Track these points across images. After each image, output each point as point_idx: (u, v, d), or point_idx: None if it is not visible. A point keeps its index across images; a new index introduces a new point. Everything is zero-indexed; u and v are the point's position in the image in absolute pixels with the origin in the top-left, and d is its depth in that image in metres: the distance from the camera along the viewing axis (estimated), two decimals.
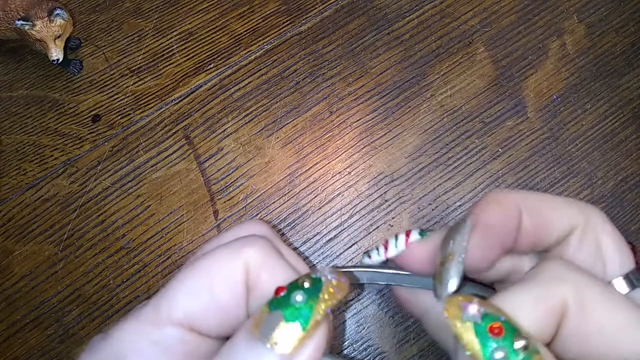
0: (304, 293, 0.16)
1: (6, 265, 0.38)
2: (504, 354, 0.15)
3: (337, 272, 0.18)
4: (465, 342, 0.16)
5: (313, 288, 0.17)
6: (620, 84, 0.42)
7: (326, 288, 0.17)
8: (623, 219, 0.39)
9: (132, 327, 0.18)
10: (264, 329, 0.16)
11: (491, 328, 0.16)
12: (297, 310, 0.16)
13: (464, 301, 0.17)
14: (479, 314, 0.16)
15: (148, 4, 0.44)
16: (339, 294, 0.17)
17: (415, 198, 0.39)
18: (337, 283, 0.17)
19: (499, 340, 0.15)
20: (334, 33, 0.43)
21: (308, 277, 0.17)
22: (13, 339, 0.36)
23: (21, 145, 0.41)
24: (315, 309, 0.16)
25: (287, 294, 0.16)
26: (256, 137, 0.40)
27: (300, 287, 0.17)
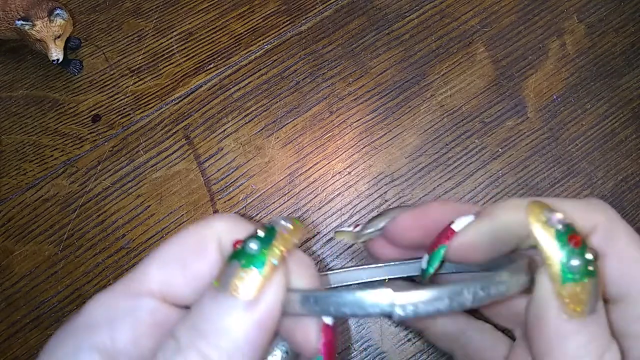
0: (258, 241, 0.17)
1: (6, 265, 0.38)
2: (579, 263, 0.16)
3: (291, 219, 0.18)
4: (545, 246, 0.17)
5: (267, 236, 0.17)
6: (620, 84, 0.42)
7: (280, 234, 0.17)
8: (623, 219, 0.39)
9: (104, 298, 0.18)
10: (224, 279, 0.16)
11: (571, 237, 0.16)
12: (252, 258, 0.17)
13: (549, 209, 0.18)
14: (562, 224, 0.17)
15: (148, 4, 0.44)
16: (293, 238, 0.18)
17: (415, 198, 0.39)
18: (291, 228, 0.18)
19: (576, 250, 0.16)
20: (334, 33, 0.43)
21: (262, 227, 0.18)
22: (13, 339, 0.36)
23: (21, 145, 0.41)
24: (269, 254, 0.17)
25: (243, 244, 0.17)
26: (256, 137, 0.40)
27: (255, 236, 0.17)
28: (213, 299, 0.16)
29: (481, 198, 0.39)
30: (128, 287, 0.18)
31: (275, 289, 0.17)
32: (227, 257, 0.17)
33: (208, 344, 0.15)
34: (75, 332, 0.18)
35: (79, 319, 0.18)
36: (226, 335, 0.16)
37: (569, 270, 0.16)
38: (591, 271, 0.16)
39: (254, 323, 0.16)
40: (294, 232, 0.18)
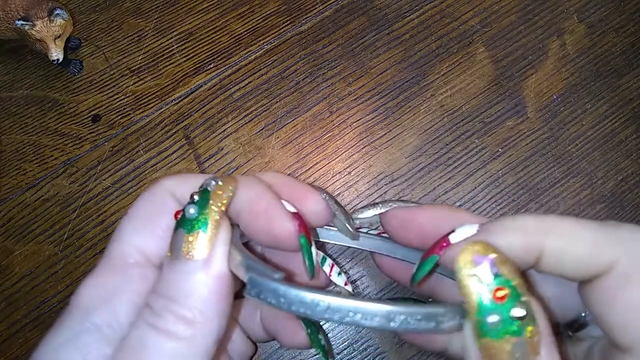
0: (195, 205, 0.18)
1: (6, 265, 0.38)
2: (498, 319, 0.15)
3: (221, 176, 0.20)
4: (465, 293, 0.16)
5: (202, 198, 0.18)
6: (620, 84, 0.42)
7: (214, 193, 0.18)
8: (623, 219, 0.39)
9: (92, 281, 0.19)
10: (175, 248, 0.18)
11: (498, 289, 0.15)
12: (193, 222, 0.18)
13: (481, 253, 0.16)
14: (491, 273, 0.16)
15: (148, 4, 0.44)
16: (226, 193, 0.19)
17: (415, 198, 0.39)
18: (222, 185, 0.19)
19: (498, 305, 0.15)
20: (334, 33, 0.43)
21: (196, 191, 0.19)
22: (13, 339, 0.36)
23: (21, 145, 0.41)
24: (208, 213, 0.18)
25: (183, 212, 0.18)
26: (256, 137, 0.40)
27: (192, 201, 0.18)
28: (171, 267, 0.18)
29: (481, 198, 0.39)
30: (111, 264, 0.19)
31: (222, 241, 0.18)
32: (173, 228, 0.18)
33: (180, 306, 0.17)
34: (73, 318, 0.18)
35: (74, 306, 0.19)
36: (193, 294, 0.17)
37: (488, 325, 0.15)
38: (515, 330, 0.15)
39: (213, 277, 0.17)
40: (225, 186, 0.19)
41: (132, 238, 0.20)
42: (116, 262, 0.19)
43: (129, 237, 0.20)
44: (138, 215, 0.20)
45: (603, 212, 0.39)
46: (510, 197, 0.39)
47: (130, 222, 0.20)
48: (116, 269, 0.19)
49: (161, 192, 0.20)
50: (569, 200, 0.39)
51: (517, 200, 0.39)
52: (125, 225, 0.20)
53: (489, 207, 0.39)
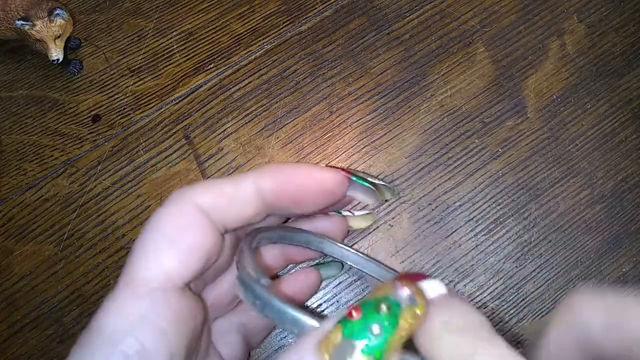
0: (381, 324, 0.15)
1: (6, 265, 0.38)
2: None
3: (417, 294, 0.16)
4: None
5: (390, 317, 0.15)
6: (620, 84, 0.42)
7: (404, 317, 0.15)
8: (623, 219, 0.39)
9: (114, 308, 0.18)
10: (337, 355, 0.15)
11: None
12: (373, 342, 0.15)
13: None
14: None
15: (148, 4, 0.44)
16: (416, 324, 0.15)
17: (415, 198, 0.39)
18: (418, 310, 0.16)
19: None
20: (334, 33, 0.43)
21: (385, 299, 0.16)
22: (13, 339, 0.36)
23: (21, 145, 0.41)
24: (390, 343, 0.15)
25: (364, 320, 0.15)
26: (256, 137, 0.40)
27: (377, 312, 0.15)
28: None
29: (481, 198, 0.39)
30: (133, 288, 0.18)
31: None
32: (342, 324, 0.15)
33: None
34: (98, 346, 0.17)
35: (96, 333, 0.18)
36: None
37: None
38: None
39: None
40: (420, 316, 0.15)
41: (155, 259, 0.19)
42: (139, 287, 0.18)
43: (151, 258, 0.19)
44: (162, 232, 0.19)
45: (603, 212, 0.39)
46: (510, 197, 0.39)
47: (153, 240, 0.19)
48: (139, 294, 0.18)
49: (187, 206, 0.19)
50: (569, 200, 0.39)
51: (517, 200, 0.39)
52: (148, 244, 0.19)
53: (489, 207, 0.39)
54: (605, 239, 0.39)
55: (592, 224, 0.39)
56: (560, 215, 0.39)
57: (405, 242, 0.38)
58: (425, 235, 0.38)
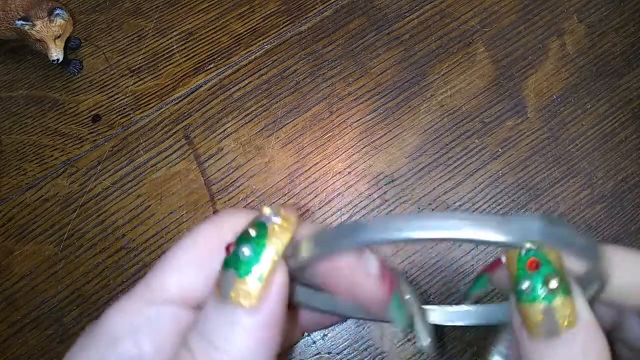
0: (250, 245, 0.16)
1: (6, 265, 0.38)
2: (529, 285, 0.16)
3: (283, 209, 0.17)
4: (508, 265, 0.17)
5: (259, 235, 0.16)
6: (620, 84, 0.42)
7: (272, 232, 0.16)
8: (623, 219, 0.39)
9: (124, 306, 0.18)
10: (223, 289, 0.16)
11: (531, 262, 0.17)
12: (247, 264, 0.16)
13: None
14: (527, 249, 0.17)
15: (148, 4, 0.44)
16: (286, 234, 0.17)
17: (415, 198, 0.39)
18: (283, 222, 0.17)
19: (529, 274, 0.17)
20: (334, 33, 0.43)
21: (252, 224, 0.17)
22: (13, 339, 0.36)
23: (21, 145, 0.41)
24: (264, 257, 0.16)
25: (236, 249, 0.16)
26: (256, 137, 0.40)
27: (247, 238, 0.16)
28: (216, 309, 0.16)
29: (481, 198, 0.39)
30: (146, 294, 0.18)
31: (276, 290, 0.16)
32: (223, 262, 0.17)
33: (219, 353, 0.16)
34: (98, 342, 0.18)
35: (100, 330, 0.18)
36: (235, 343, 0.16)
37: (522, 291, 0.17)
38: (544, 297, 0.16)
39: (259, 326, 0.16)
40: (287, 226, 0.17)
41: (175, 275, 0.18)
42: (151, 295, 0.18)
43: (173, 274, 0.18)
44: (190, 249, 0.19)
45: (603, 212, 0.39)
46: (510, 197, 0.39)
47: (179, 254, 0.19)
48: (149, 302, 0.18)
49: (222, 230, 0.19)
50: (569, 200, 0.39)
51: (517, 200, 0.39)
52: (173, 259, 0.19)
53: (489, 207, 0.39)
54: (605, 239, 0.39)
55: (592, 224, 0.39)
56: (560, 215, 0.39)
57: None
58: None
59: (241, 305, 0.16)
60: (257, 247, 0.16)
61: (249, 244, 0.16)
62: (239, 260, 0.16)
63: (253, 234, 0.17)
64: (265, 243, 0.16)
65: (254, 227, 0.17)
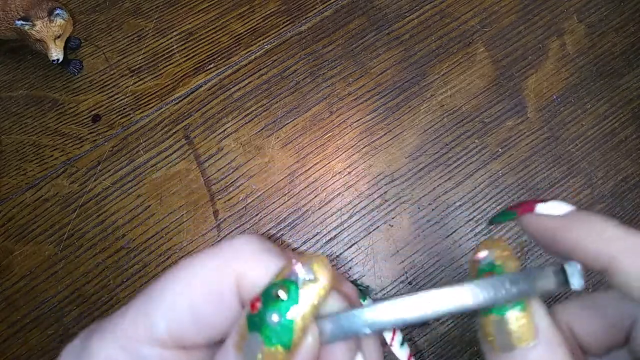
0: (279, 312, 0.15)
1: (6, 265, 0.38)
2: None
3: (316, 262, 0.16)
4: None
5: (290, 300, 0.15)
6: (620, 84, 0.42)
7: (304, 294, 0.15)
8: (623, 219, 0.39)
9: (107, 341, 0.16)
10: (247, 352, 0.15)
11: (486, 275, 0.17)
12: (275, 332, 0.14)
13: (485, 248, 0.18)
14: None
15: (148, 4, 0.44)
16: (320, 296, 0.15)
17: (415, 198, 0.39)
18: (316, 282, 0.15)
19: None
20: (334, 33, 0.43)
21: (282, 284, 0.15)
22: (13, 339, 0.36)
23: (21, 145, 0.41)
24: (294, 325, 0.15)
25: (263, 311, 0.15)
26: (256, 137, 0.40)
27: (275, 300, 0.15)
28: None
29: (481, 198, 0.39)
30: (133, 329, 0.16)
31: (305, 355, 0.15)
32: (247, 319, 0.15)
33: None
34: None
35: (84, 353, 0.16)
36: None
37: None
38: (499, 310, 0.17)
39: None
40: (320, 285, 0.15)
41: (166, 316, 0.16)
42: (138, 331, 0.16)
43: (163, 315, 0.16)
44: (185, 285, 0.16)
45: (603, 212, 0.39)
46: (510, 197, 0.39)
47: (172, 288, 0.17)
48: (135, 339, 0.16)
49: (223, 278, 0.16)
50: (569, 200, 0.39)
51: (517, 200, 0.39)
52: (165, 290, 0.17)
53: (489, 207, 0.39)
54: None
55: None
56: None
57: (405, 242, 0.38)
58: (425, 235, 0.38)
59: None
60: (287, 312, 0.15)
61: (278, 311, 0.15)
62: (266, 326, 0.15)
63: (283, 297, 0.15)
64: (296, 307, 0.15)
65: (284, 287, 0.15)
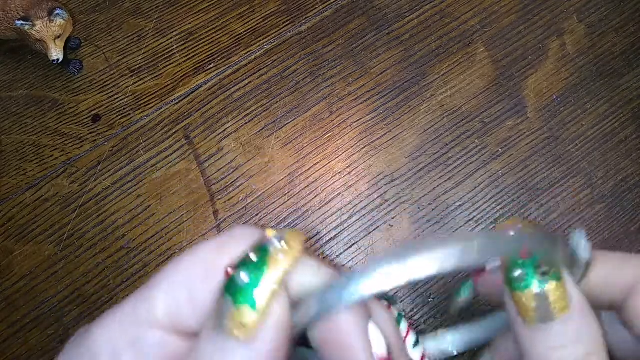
0: (248, 270, 0.15)
1: (6, 265, 0.38)
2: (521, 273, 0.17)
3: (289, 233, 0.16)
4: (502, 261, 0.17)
5: (259, 261, 0.15)
6: (620, 84, 0.42)
7: (273, 257, 0.15)
8: (623, 219, 0.39)
9: (109, 326, 0.17)
10: (219, 318, 0.15)
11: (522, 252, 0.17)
12: (244, 291, 0.15)
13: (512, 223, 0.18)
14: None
15: (148, 4, 0.44)
16: (288, 260, 0.15)
17: (415, 198, 0.39)
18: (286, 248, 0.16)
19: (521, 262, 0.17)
20: (334, 33, 0.43)
21: (254, 248, 0.16)
22: (13, 339, 0.36)
23: (21, 145, 0.41)
24: (263, 284, 0.15)
25: (234, 274, 0.15)
26: (256, 137, 0.40)
27: (246, 263, 0.15)
28: (210, 340, 0.15)
29: (481, 198, 0.39)
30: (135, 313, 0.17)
31: (272, 324, 0.15)
32: (221, 290, 0.15)
33: None
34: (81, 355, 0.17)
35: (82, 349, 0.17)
36: None
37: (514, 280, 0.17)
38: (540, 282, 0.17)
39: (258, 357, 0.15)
40: (290, 251, 0.16)
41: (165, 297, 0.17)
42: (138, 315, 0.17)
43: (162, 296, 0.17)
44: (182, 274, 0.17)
45: (603, 212, 0.39)
46: (510, 197, 0.39)
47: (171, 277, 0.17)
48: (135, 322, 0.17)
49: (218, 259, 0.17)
50: (569, 200, 0.39)
51: (517, 200, 0.39)
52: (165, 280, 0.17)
53: (489, 207, 0.39)
54: (605, 239, 0.39)
55: (592, 224, 0.39)
56: (560, 215, 0.39)
57: (405, 242, 0.38)
58: (425, 235, 0.38)
59: (235, 337, 0.15)
60: (256, 273, 0.15)
61: (247, 270, 0.15)
62: (235, 286, 0.15)
63: (253, 259, 0.15)
64: (264, 269, 0.15)
65: (255, 251, 0.16)
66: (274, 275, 0.15)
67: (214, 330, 0.15)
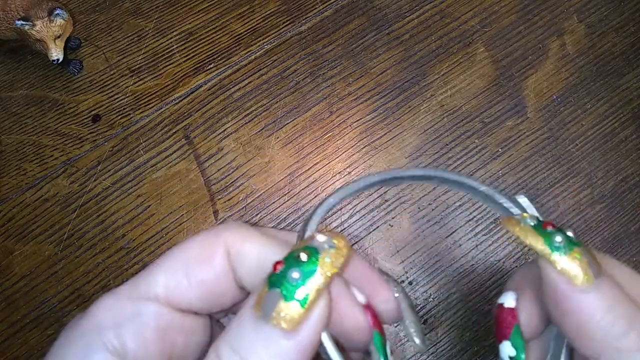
0: (300, 270, 0.16)
1: (6, 265, 0.38)
2: (561, 238, 0.18)
3: (336, 236, 0.18)
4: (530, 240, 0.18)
5: (310, 262, 0.17)
6: (620, 84, 0.42)
7: (323, 259, 0.17)
8: (623, 219, 0.39)
9: (110, 300, 0.19)
10: (265, 307, 0.16)
11: (546, 224, 0.18)
12: (294, 288, 0.16)
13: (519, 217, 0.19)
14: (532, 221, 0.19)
15: (148, 4, 0.44)
16: (337, 263, 0.17)
17: (415, 198, 0.39)
18: (335, 250, 0.17)
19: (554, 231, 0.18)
20: (334, 33, 0.43)
21: (304, 248, 0.17)
22: (13, 339, 0.36)
23: (21, 145, 0.41)
24: (312, 285, 0.16)
25: (285, 269, 0.17)
26: (256, 137, 0.40)
27: (297, 261, 0.17)
28: (254, 326, 0.17)
29: None
30: (134, 290, 0.19)
31: (315, 319, 0.17)
32: (268, 279, 0.17)
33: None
34: (83, 333, 0.18)
35: (86, 321, 0.19)
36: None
37: (556, 247, 0.17)
38: (576, 242, 0.17)
39: (294, 351, 0.16)
40: (338, 254, 0.17)
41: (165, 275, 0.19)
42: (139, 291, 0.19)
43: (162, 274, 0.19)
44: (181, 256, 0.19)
45: (603, 212, 0.39)
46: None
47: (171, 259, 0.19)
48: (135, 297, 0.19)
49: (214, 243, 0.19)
50: (569, 200, 0.39)
51: None
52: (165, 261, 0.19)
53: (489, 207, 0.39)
54: (605, 239, 0.39)
55: (592, 224, 0.39)
56: (560, 215, 0.39)
57: (405, 242, 0.38)
58: (425, 235, 0.38)
59: (281, 328, 0.16)
60: (307, 273, 0.16)
61: (299, 268, 0.16)
62: (286, 282, 0.16)
63: (304, 259, 0.17)
64: (315, 270, 0.16)
65: (306, 251, 0.17)
66: (323, 276, 0.17)
67: (259, 318, 0.16)
